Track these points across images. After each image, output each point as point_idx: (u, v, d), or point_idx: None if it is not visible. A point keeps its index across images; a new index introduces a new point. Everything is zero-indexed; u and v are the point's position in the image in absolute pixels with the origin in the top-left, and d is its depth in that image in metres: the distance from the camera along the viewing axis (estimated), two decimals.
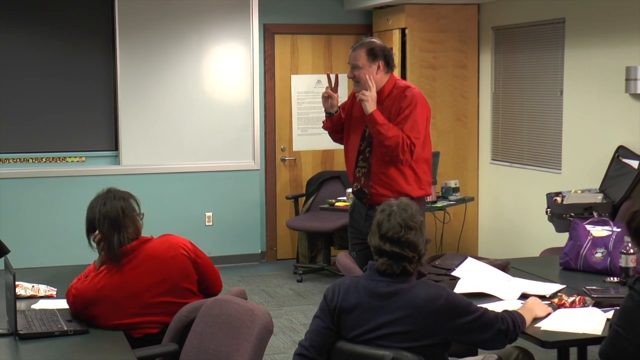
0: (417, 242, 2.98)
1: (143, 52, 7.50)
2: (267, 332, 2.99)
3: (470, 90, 7.75)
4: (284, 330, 5.92)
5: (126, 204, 3.46)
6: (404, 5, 7.44)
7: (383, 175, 4.47)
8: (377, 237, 3.01)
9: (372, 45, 4.52)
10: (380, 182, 4.47)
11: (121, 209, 3.43)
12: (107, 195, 3.48)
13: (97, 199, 3.48)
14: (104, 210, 3.41)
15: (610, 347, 2.93)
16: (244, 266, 7.89)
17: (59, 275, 4.08)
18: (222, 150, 7.78)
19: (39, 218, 7.33)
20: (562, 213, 5.71)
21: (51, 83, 7.38)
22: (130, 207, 3.47)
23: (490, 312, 3.03)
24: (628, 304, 2.91)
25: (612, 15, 6.06)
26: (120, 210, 3.42)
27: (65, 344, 3.11)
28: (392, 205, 3.04)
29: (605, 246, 4.03)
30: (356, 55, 4.49)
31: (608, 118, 6.14)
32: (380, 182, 4.47)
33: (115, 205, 3.43)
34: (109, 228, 3.40)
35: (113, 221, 3.40)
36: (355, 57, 4.49)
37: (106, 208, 3.42)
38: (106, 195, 3.48)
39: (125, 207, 3.45)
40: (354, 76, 4.50)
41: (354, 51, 4.52)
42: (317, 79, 8.21)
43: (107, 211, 3.41)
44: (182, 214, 7.69)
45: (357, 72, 4.49)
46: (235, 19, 7.72)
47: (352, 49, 4.56)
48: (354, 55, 4.51)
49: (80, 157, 7.49)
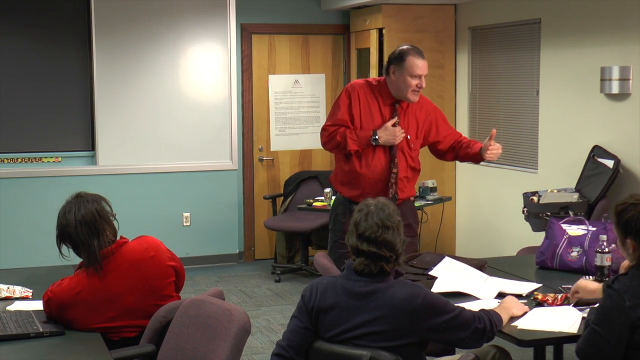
0: (394, 242, 2.98)
1: (119, 52, 7.46)
2: (245, 332, 2.98)
3: (447, 90, 7.78)
4: (262, 330, 5.91)
5: (99, 207, 3.40)
6: (381, 6, 7.45)
7: (405, 179, 4.71)
8: (354, 236, 3.01)
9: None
10: (403, 186, 4.71)
11: (96, 212, 3.37)
12: (78, 200, 3.40)
13: (68, 205, 3.40)
14: (79, 215, 3.34)
15: (587, 345, 2.95)
16: (221, 266, 7.87)
17: (34, 276, 4.06)
18: (200, 150, 7.76)
19: (14, 219, 7.27)
20: (539, 212, 5.75)
21: (27, 83, 7.32)
22: (103, 209, 3.42)
23: (467, 311, 3.05)
24: (606, 304, 2.93)
25: (588, 16, 6.11)
26: (96, 213, 3.37)
27: (41, 345, 3.09)
28: (370, 205, 3.04)
29: (581, 245, 4.06)
30: (426, 64, 4.60)
31: (583, 118, 6.18)
32: (402, 186, 4.70)
33: (90, 209, 3.37)
34: (87, 233, 3.34)
35: (90, 226, 3.34)
36: (426, 66, 4.60)
37: (81, 213, 3.34)
38: (78, 201, 3.40)
39: (100, 209, 3.40)
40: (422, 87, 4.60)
41: (424, 60, 4.59)
42: (294, 78, 8.21)
43: (83, 216, 3.34)
44: (159, 214, 7.66)
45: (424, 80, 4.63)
46: (213, 19, 7.71)
47: (420, 56, 4.58)
48: (426, 65, 4.59)
49: (56, 158, 7.44)
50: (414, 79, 4.53)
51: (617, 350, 2.90)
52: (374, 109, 4.65)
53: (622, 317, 2.87)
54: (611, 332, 2.89)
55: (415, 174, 4.79)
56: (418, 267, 4.03)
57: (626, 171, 5.75)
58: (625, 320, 2.87)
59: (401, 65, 4.54)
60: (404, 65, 4.53)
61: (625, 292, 2.89)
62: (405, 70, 4.53)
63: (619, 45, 5.81)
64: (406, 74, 4.53)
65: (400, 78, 4.56)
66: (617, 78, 5.74)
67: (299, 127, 8.28)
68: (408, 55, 4.54)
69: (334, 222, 4.79)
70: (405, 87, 4.56)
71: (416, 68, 4.53)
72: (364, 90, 4.67)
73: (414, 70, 4.52)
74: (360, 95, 4.65)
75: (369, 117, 4.64)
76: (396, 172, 4.63)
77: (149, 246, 3.46)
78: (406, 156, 4.68)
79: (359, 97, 4.65)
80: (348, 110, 4.64)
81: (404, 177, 4.68)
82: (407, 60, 4.53)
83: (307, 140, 8.32)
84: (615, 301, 2.90)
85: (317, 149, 8.34)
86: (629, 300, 2.88)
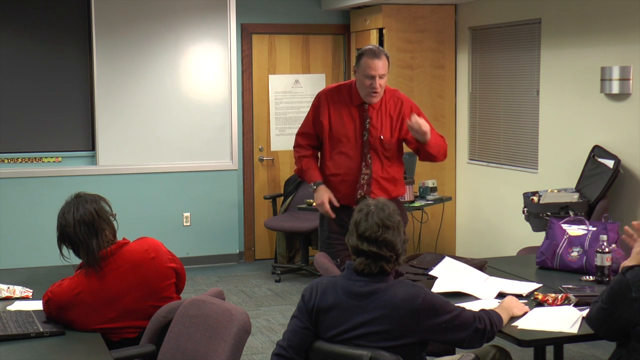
0: (394, 242, 2.98)
1: (120, 52, 7.46)
2: (245, 332, 2.98)
3: (447, 90, 7.78)
4: (262, 330, 5.91)
5: (98, 206, 3.40)
6: (382, 6, 7.45)
7: (383, 180, 4.65)
8: (354, 236, 3.01)
9: (386, 52, 4.57)
10: (380, 186, 4.64)
11: (95, 212, 3.37)
12: (77, 200, 3.40)
13: (67, 206, 3.39)
14: (78, 215, 3.34)
15: (595, 317, 3.11)
16: (222, 266, 7.87)
17: (34, 276, 4.06)
18: (200, 150, 7.76)
19: (14, 219, 7.27)
20: (539, 212, 5.75)
21: (27, 83, 7.32)
22: (102, 209, 3.41)
23: (467, 311, 3.04)
24: (615, 288, 3.05)
25: (588, 16, 6.11)
26: (95, 213, 3.36)
27: (41, 345, 3.08)
28: (370, 205, 3.04)
29: (581, 245, 4.06)
30: (384, 64, 4.47)
31: (584, 118, 6.18)
32: (379, 186, 4.64)
33: (88, 208, 3.36)
34: (86, 233, 3.33)
35: (89, 225, 3.34)
36: (384, 66, 4.47)
37: (80, 213, 3.34)
38: (77, 201, 3.39)
39: (99, 209, 3.39)
40: (379, 86, 4.49)
41: (380, 60, 4.47)
42: (294, 78, 8.21)
43: (82, 216, 3.34)
44: (159, 214, 7.66)
45: (382, 81, 4.50)
46: (213, 19, 7.71)
47: (374, 56, 4.47)
48: (382, 65, 4.47)
49: (57, 158, 7.44)
50: (367, 79, 4.47)
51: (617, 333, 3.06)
52: (343, 112, 4.63)
53: (626, 306, 2.99)
54: (614, 314, 3.02)
55: (397, 172, 4.72)
56: (418, 267, 4.03)
57: (626, 171, 5.75)
58: (628, 309, 2.99)
59: (359, 65, 4.51)
60: (360, 64, 4.49)
61: (635, 283, 2.99)
62: (360, 70, 4.50)
63: (619, 45, 5.81)
64: (361, 74, 4.50)
65: (358, 78, 4.54)
66: (617, 78, 5.74)
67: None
68: (364, 55, 4.49)
69: (320, 221, 4.83)
70: (362, 87, 4.53)
71: (368, 69, 4.45)
72: (330, 96, 4.67)
73: (367, 70, 4.46)
74: (327, 101, 4.66)
75: (338, 121, 4.64)
76: (368, 173, 4.60)
77: (149, 247, 3.45)
78: (380, 157, 4.64)
79: (327, 104, 4.66)
80: (313, 119, 4.71)
81: (380, 178, 4.64)
82: (362, 60, 4.49)
83: None
84: (623, 289, 3.01)
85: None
86: (636, 291, 2.98)
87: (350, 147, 4.63)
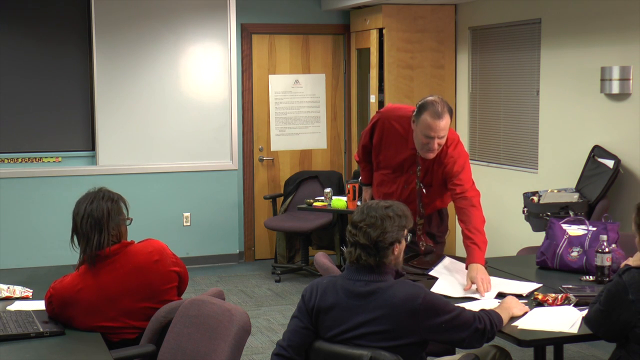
0: (381, 226, 3.00)
1: (120, 52, 7.46)
2: (245, 332, 2.98)
3: (447, 90, 7.78)
4: (262, 330, 5.91)
5: (113, 206, 3.40)
6: (382, 5, 7.45)
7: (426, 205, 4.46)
8: (348, 228, 3.08)
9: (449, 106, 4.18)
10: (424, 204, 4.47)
11: (107, 211, 3.37)
12: (96, 194, 3.43)
13: (86, 196, 3.43)
14: (90, 208, 3.36)
15: (593, 318, 3.12)
16: (222, 266, 7.87)
17: (35, 276, 4.06)
18: (200, 150, 7.76)
19: (14, 219, 7.27)
20: (539, 212, 5.75)
21: (27, 83, 7.32)
22: (117, 209, 3.41)
23: (467, 311, 3.05)
24: (611, 290, 3.06)
25: (588, 16, 6.11)
26: (106, 212, 3.37)
27: (42, 345, 3.09)
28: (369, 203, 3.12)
29: (581, 245, 4.06)
30: (445, 124, 4.08)
31: (584, 118, 6.18)
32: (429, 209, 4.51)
33: (102, 205, 3.37)
34: (90, 227, 3.34)
35: (96, 221, 3.34)
36: (446, 126, 4.08)
37: (92, 207, 3.36)
38: (95, 194, 3.42)
39: (112, 209, 3.39)
40: (437, 145, 4.13)
41: (442, 120, 4.05)
42: (294, 78, 8.21)
43: (92, 210, 3.35)
44: (159, 214, 7.66)
45: (441, 140, 4.14)
46: (213, 19, 7.71)
47: (436, 117, 4.03)
48: (443, 125, 4.07)
49: (57, 158, 7.44)
50: (425, 137, 4.12)
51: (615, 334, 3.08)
52: (396, 145, 4.37)
53: (623, 308, 3.00)
54: (612, 316, 3.04)
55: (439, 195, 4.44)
56: (418, 267, 4.03)
57: (626, 171, 5.75)
58: (626, 312, 2.99)
59: (418, 119, 4.13)
60: (420, 120, 4.11)
61: (631, 285, 3.00)
62: (419, 126, 4.13)
63: (619, 45, 5.81)
64: (419, 130, 4.13)
65: (416, 131, 4.18)
66: (617, 78, 5.74)
67: (299, 127, 8.28)
68: (425, 111, 4.09)
69: None
70: (417, 141, 4.21)
71: (428, 129, 4.08)
72: (388, 125, 4.39)
73: (426, 130, 4.09)
74: (382, 128, 4.41)
75: (388, 152, 4.43)
76: (421, 224, 4.44)
77: (153, 250, 3.44)
78: (422, 200, 4.42)
79: (381, 131, 4.41)
80: (369, 138, 4.51)
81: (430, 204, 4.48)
82: (422, 115, 4.10)
83: (307, 140, 8.32)
84: (619, 291, 3.02)
85: (317, 149, 8.34)
86: (632, 294, 2.99)
87: (394, 177, 4.47)
